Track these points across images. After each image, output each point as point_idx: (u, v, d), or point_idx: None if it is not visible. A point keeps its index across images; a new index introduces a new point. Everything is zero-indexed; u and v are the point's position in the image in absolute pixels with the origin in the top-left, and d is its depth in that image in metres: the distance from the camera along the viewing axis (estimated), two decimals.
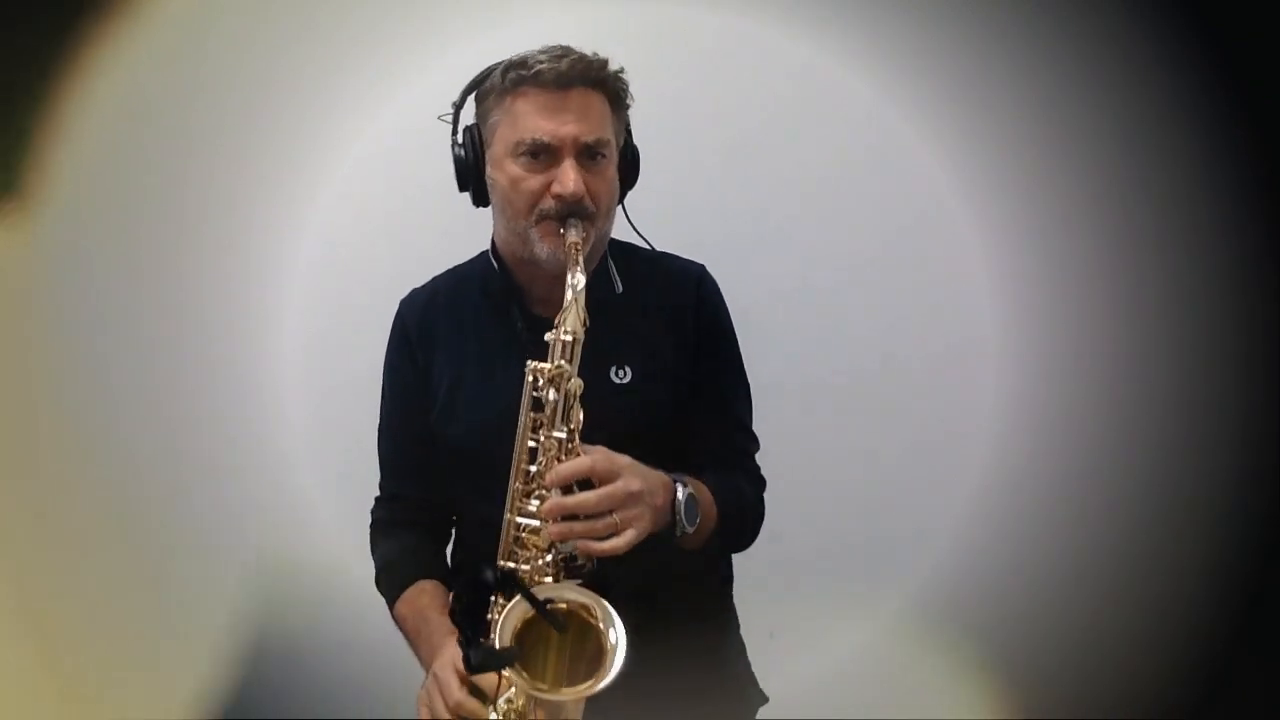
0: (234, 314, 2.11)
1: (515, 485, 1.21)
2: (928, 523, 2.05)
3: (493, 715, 1.15)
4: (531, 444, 1.20)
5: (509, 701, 1.15)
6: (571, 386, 1.19)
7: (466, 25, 2.05)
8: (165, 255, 2.10)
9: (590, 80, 1.31)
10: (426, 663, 1.29)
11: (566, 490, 1.16)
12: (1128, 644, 2.00)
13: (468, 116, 1.40)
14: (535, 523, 1.19)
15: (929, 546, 2.05)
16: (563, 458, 1.19)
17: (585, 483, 1.16)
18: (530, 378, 1.21)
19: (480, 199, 1.37)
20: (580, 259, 1.22)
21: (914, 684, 2.01)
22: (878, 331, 2.09)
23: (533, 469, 1.20)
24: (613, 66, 1.34)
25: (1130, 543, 2.02)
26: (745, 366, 1.46)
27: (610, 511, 1.13)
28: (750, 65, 2.02)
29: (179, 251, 2.10)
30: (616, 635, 1.10)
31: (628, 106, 1.38)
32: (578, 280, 1.21)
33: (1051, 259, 2.04)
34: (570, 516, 1.15)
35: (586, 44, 2.05)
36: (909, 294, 2.08)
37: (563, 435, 1.18)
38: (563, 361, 1.19)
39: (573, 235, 1.25)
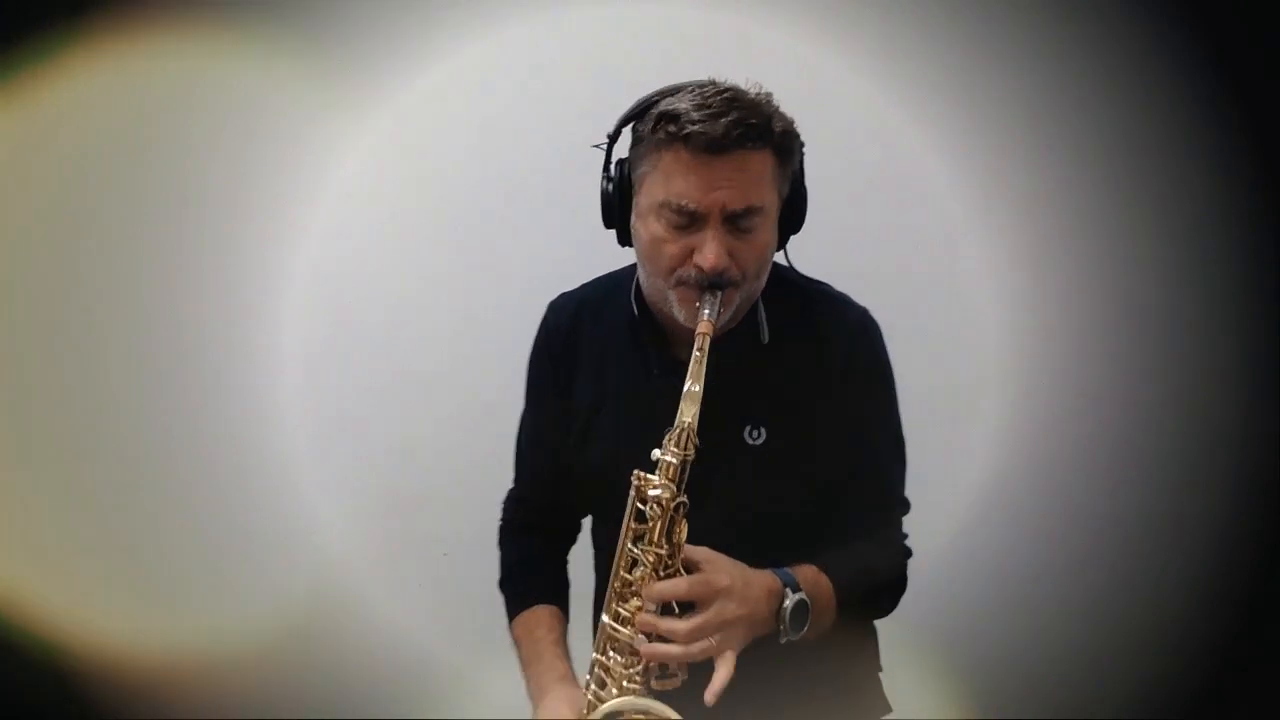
0: (235, 317, 2.12)
1: (614, 586, 1.19)
2: (929, 523, 2.05)
3: None
4: (633, 553, 1.18)
5: None
6: (666, 499, 1.15)
7: (467, 26, 2.06)
8: (166, 258, 2.10)
9: (749, 140, 1.18)
10: (534, 699, 1.31)
11: (666, 610, 1.14)
12: (1129, 643, 2.01)
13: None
14: (627, 631, 1.17)
15: (929, 547, 2.04)
16: (661, 573, 1.15)
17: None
18: (635, 485, 1.16)
19: (624, 239, 1.29)
20: (703, 364, 1.15)
21: (913, 684, 2.01)
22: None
23: (632, 575, 1.18)
24: (780, 123, 1.22)
25: (1132, 541, 2.02)
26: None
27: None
28: (750, 66, 2.02)
29: (179, 255, 2.11)
30: None
31: (798, 155, 1.27)
32: (695, 390, 1.14)
33: (1053, 263, 2.04)
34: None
35: (586, 44, 2.07)
36: (910, 292, 2.08)
37: (663, 552, 1.15)
38: (668, 482, 1.13)
39: (705, 316, 1.17)
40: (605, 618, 1.19)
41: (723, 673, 1.10)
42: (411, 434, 2.16)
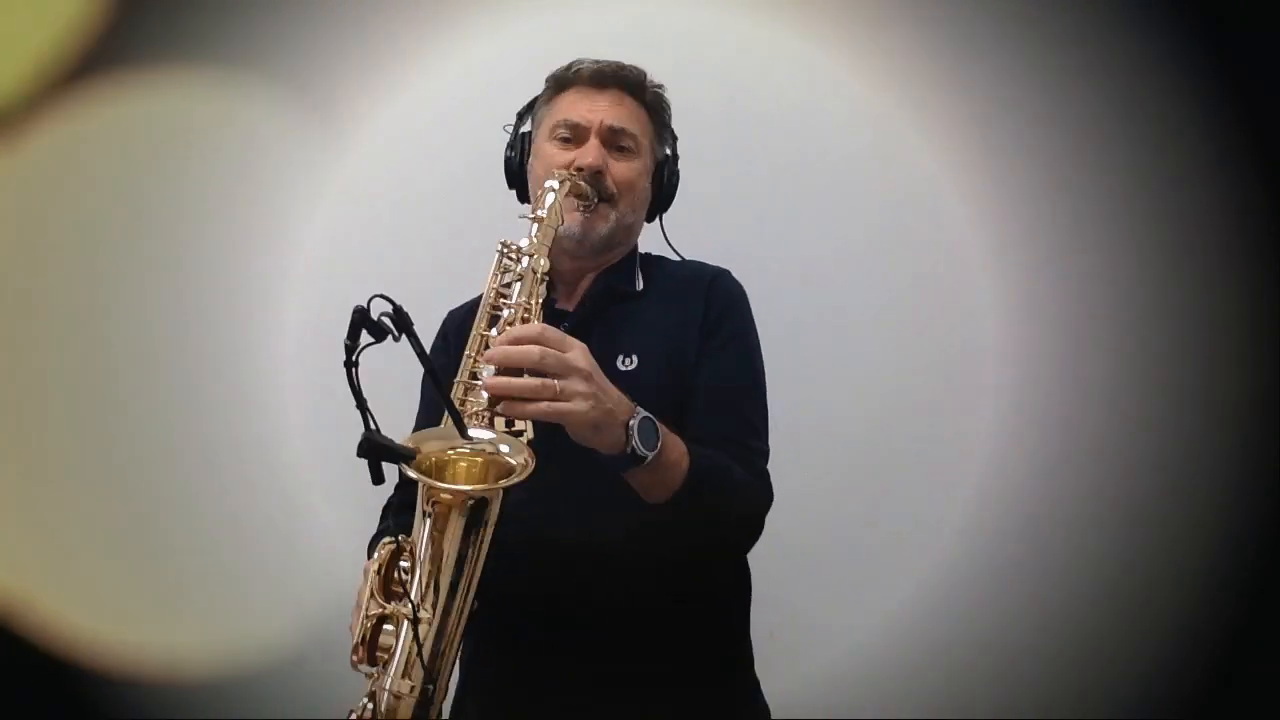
0: (236, 313, 2.12)
1: (469, 353, 1.23)
2: (929, 521, 2.05)
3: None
4: (493, 314, 1.25)
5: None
6: (535, 263, 1.27)
7: (467, 28, 2.06)
8: (168, 255, 2.11)
9: (626, 84, 1.46)
10: None
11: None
12: (1129, 643, 2.00)
13: None
14: (479, 382, 1.19)
15: (930, 545, 2.05)
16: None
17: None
18: (500, 249, 1.29)
19: (524, 198, 1.49)
20: (555, 203, 1.32)
21: (914, 684, 2.01)
22: (879, 328, 2.09)
23: (492, 333, 1.23)
24: (653, 87, 1.48)
25: (1131, 541, 2.02)
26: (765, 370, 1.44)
27: (553, 378, 1.11)
28: (750, 66, 2.03)
29: (182, 251, 2.11)
30: (524, 461, 1.09)
31: (666, 123, 1.51)
32: (560, 183, 1.33)
33: (1053, 260, 2.04)
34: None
35: (585, 46, 2.07)
36: (911, 291, 2.08)
37: (523, 300, 1.24)
38: (535, 238, 1.28)
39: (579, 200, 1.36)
40: (459, 379, 1.22)
41: (550, 408, 1.10)
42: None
